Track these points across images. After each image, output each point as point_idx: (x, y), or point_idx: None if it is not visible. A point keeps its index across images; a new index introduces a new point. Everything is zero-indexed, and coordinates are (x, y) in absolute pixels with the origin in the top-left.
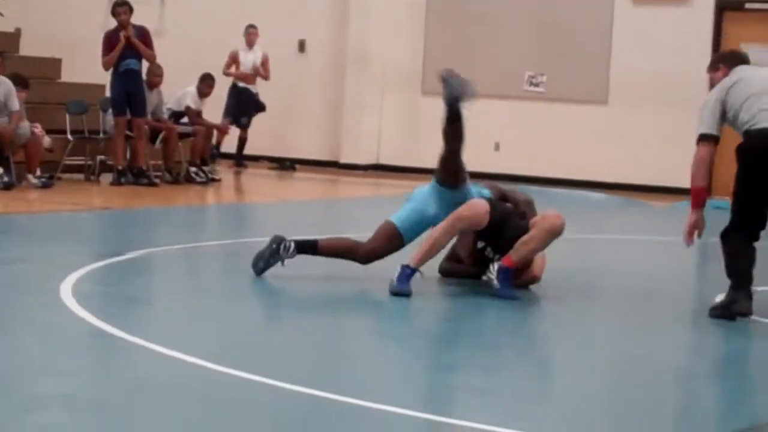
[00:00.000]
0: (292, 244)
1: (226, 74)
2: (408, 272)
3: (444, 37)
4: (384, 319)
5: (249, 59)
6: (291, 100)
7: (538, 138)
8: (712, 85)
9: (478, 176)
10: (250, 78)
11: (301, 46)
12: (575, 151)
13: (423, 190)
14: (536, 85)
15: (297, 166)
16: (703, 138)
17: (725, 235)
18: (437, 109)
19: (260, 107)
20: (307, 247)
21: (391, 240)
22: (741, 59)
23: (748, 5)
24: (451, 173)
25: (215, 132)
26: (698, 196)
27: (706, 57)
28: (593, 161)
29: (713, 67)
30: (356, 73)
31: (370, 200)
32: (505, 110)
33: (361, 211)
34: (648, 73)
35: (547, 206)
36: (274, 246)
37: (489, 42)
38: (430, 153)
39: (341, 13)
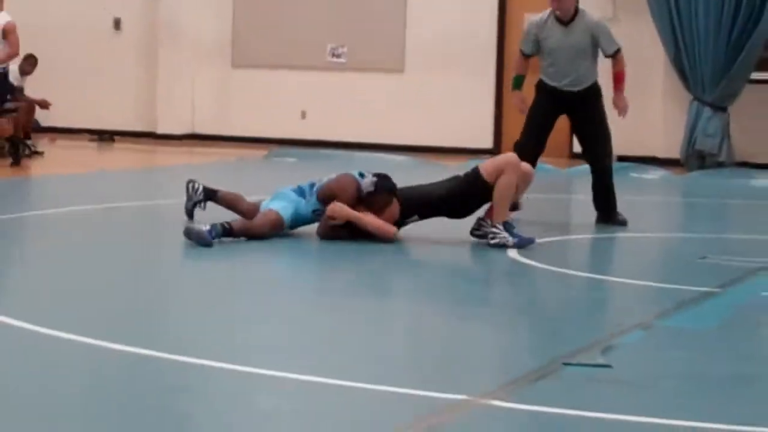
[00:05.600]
0: (200, 186)
1: None
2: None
3: (251, 13)
4: (196, 275)
5: None
6: (108, 75)
7: (341, 106)
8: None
9: (285, 143)
10: None
11: (117, 24)
12: (377, 117)
13: (292, 194)
14: (338, 56)
15: (115, 137)
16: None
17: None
18: (246, 80)
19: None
20: (210, 193)
21: (276, 228)
22: None
23: None
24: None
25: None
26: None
27: (492, 25)
28: (393, 126)
29: None
30: (169, 48)
31: (184, 168)
32: (310, 80)
33: (176, 178)
34: (439, 41)
35: (349, 169)
36: (188, 186)
37: (293, 16)
38: (241, 122)
39: None
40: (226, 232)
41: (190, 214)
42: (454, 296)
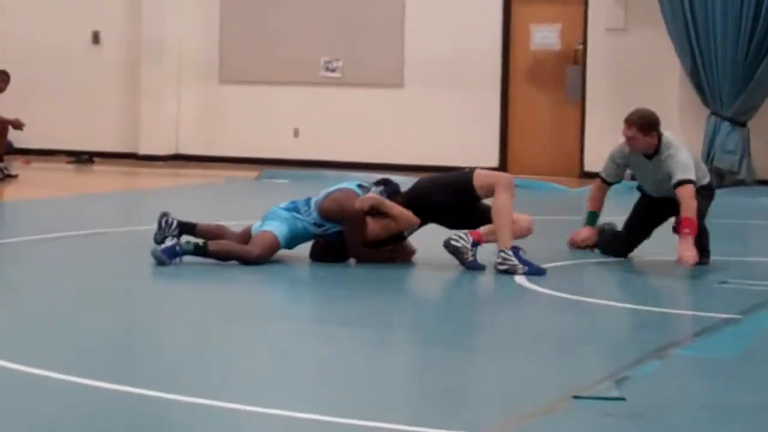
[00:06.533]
0: (174, 221)
1: None
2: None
3: (239, 26)
4: (183, 305)
5: None
6: (86, 93)
7: (336, 123)
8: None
9: (277, 163)
10: None
11: (95, 37)
12: (374, 135)
13: (283, 212)
14: (332, 70)
15: (95, 159)
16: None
17: None
18: (235, 97)
19: None
20: (186, 228)
21: (273, 250)
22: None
23: None
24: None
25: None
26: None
27: (496, 38)
28: (392, 144)
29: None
30: (152, 64)
31: (169, 190)
32: (303, 96)
33: (161, 201)
34: (441, 53)
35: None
36: (160, 222)
37: (284, 29)
38: (229, 141)
39: (135, 2)
40: (199, 251)
41: (159, 243)
42: (458, 325)
